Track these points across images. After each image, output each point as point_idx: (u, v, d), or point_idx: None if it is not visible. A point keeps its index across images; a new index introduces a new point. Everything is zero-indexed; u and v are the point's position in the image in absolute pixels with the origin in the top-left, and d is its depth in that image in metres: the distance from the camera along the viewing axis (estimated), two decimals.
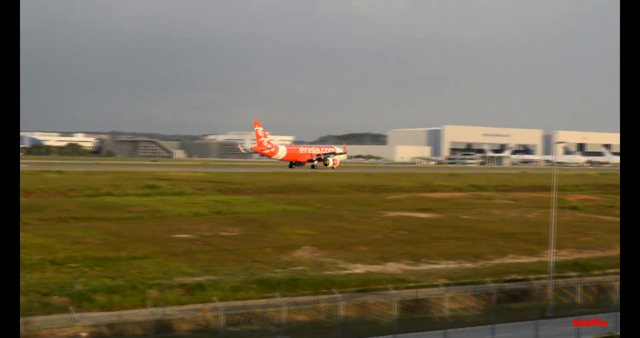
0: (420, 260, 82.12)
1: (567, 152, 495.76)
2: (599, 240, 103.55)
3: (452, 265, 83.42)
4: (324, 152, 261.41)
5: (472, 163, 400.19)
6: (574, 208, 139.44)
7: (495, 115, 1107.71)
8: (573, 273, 77.97)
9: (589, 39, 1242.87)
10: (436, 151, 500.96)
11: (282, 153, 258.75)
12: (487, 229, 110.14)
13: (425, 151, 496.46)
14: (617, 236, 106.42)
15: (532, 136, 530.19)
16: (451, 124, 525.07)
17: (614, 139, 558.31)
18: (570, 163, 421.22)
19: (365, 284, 71.94)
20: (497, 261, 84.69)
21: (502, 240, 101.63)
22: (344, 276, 74.55)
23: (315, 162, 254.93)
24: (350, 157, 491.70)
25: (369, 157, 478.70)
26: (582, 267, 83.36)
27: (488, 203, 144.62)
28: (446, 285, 69.53)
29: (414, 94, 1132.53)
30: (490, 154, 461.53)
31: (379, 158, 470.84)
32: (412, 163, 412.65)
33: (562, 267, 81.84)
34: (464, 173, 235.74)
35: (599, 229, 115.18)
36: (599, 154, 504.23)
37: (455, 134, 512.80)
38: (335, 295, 62.92)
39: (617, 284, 69.09)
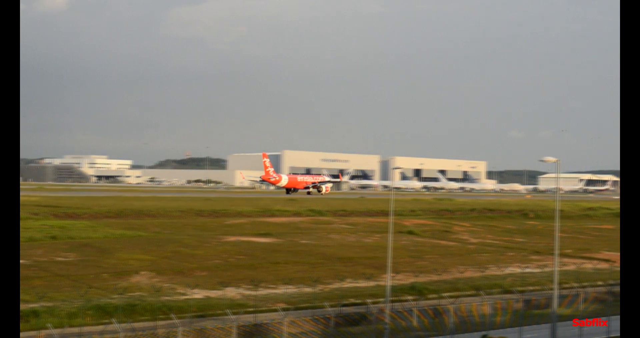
0: (259, 284, 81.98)
1: (404, 177, 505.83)
2: (434, 264, 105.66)
3: (291, 289, 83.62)
4: (318, 181, 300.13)
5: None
6: (410, 232, 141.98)
7: (334, 141, 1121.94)
8: (410, 297, 79.32)
9: (420, 66, 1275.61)
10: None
11: (284, 181, 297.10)
12: (325, 253, 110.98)
13: None
14: (452, 260, 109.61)
15: (370, 162, 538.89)
16: (290, 149, 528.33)
17: (449, 165, 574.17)
18: (407, 188, 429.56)
19: (204, 309, 71.34)
20: (336, 285, 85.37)
21: (341, 264, 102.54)
22: (183, 301, 73.76)
23: (311, 189, 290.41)
24: (189, 182, 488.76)
25: (208, 181, 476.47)
26: (418, 291, 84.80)
27: (327, 228, 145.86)
28: (285, 309, 69.58)
29: (253, 118, 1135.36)
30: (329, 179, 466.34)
31: (219, 182, 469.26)
32: (252, 188, 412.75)
33: (399, 291, 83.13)
34: (303, 198, 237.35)
35: (434, 253, 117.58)
36: (435, 179, 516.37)
37: (294, 159, 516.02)
38: (173, 321, 62.13)
39: (451, 307, 70.68)
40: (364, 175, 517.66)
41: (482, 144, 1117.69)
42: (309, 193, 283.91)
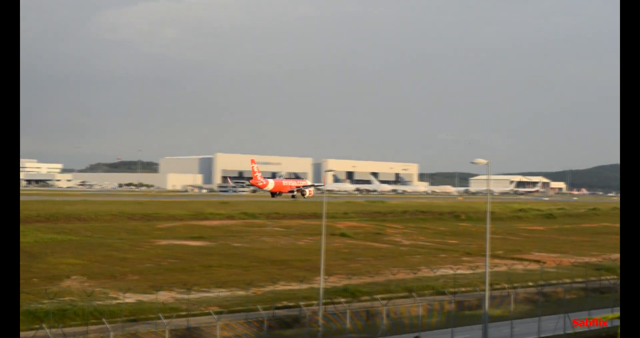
0: (192, 288, 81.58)
1: (337, 180, 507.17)
2: (367, 266, 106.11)
3: (224, 292, 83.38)
4: (302, 185, 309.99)
5: (244, 191, 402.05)
6: (343, 235, 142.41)
7: (267, 144, 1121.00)
8: (343, 299, 79.52)
9: (352, 69, 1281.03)
10: (208, 179, 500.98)
11: (270, 185, 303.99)
12: (258, 256, 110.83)
13: (198, 179, 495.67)
14: (385, 262, 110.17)
15: (302, 164, 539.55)
16: (223, 152, 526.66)
17: (382, 167, 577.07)
18: (339, 191, 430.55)
19: (136, 314, 70.80)
20: (269, 288, 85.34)
21: (274, 267, 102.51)
22: (115, 306, 73.09)
23: (295, 192, 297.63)
24: (120, 185, 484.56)
25: (140, 185, 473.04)
26: (351, 293, 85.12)
27: (260, 231, 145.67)
28: (218, 312, 69.29)
29: (185, 122, 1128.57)
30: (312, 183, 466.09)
31: (151, 186, 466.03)
32: (184, 191, 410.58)
33: (332, 293, 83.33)
34: (236, 201, 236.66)
35: (367, 255, 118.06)
36: (367, 182, 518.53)
37: (227, 162, 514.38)
38: (105, 326, 61.56)
39: (384, 309, 71.04)
40: (297, 178, 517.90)
41: (414, 146, 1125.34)
42: (293, 196, 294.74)
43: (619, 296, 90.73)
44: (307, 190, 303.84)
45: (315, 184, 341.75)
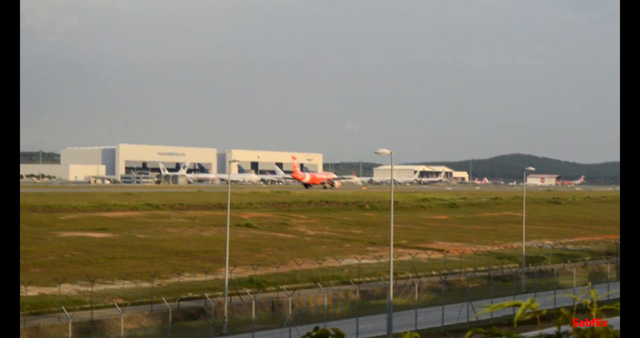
0: (95, 280, 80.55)
1: (242, 170, 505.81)
2: (272, 256, 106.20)
3: (128, 284, 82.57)
4: (332, 178, 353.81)
5: (148, 182, 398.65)
6: (248, 225, 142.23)
7: (170, 134, 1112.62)
8: (248, 290, 79.50)
9: (254, 59, 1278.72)
10: (111, 170, 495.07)
11: (307, 178, 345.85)
12: (163, 248, 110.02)
13: (101, 170, 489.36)
14: (290, 252, 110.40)
15: (207, 155, 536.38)
16: (126, 142, 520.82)
17: (286, 157, 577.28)
18: (244, 181, 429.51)
19: (39, 307, 69.71)
20: (174, 280, 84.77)
21: (179, 258, 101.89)
22: None
23: (326, 184, 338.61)
24: (21, 176, 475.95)
25: (41, 176, 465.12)
26: (257, 284, 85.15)
27: (164, 222, 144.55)
28: (122, 305, 68.57)
29: (87, 112, 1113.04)
30: (166, 172, 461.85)
31: (52, 177, 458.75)
32: (87, 182, 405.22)
33: (237, 284, 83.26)
34: (140, 192, 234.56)
35: (272, 246, 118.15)
36: (272, 172, 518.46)
37: (130, 153, 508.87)
38: None
39: (290, 300, 71.22)
40: (201, 168, 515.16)
41: (319, 136, 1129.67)
42: (324, 187, 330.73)
43: (520, 284, 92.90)
44: (335, 182, 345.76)
45: (345, 176, 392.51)
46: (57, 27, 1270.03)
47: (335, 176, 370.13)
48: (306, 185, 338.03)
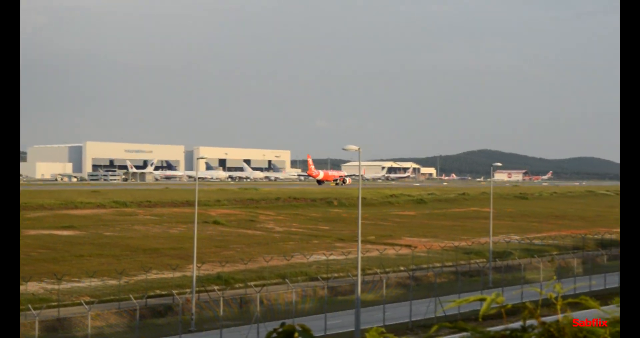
0: (62, 278, 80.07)
1: (209, 167, 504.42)
2: (240, 253, 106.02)
3: (95, 282, 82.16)
4: (344, 175, 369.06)
5: (115, 180, 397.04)
6: (216, 222, 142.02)
7: (138, 132, 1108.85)
8: (216, 287, 79.31)
9: (223, 57, 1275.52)
10: (78, 167, 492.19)
11: (321, 175, 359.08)
12: (130, 245, 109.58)
13: (68, 167, 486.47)
14: (258, 249, 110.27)
15: (174, 152, 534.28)
16: (93, 140, 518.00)
17: (254, 154, 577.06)
18: (212, 178, 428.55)
19: None
20: (141, 277, 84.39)
21: (146, 255, 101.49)
22: None
23: (338, 181, 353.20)
24: None
25: None
26: (225, 281, 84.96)
27: (131, 219, 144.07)
28: (90, 302, 68.17)
29: (54, 110, 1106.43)
30: (133, 170, 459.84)
31: (20, 175, 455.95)
32: (54, 180, 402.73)
33: (205, 281, 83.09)
34: (107, 190, 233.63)
35: (240, 242, 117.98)
36: (240, 169, 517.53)
37: (97, 151, 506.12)
38: None
39: (257, 296, 71.16)
40: (169, 166, 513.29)
41: (287, 133, 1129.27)
42: (337, 184, 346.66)
43: (488, 279, 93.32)
44: (347, 179, 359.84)
45: (355, 174, 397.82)
46: (26, 26, 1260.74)
47: (345, 173, 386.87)
48: (319, 182, 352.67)
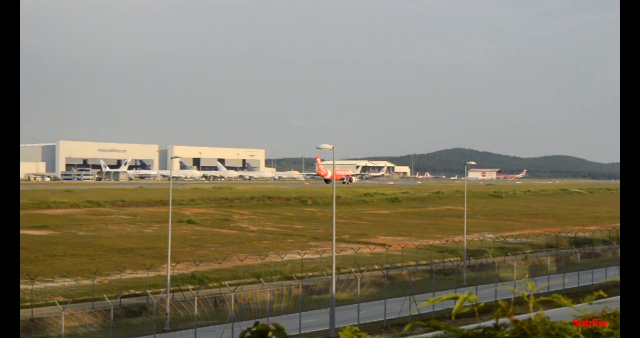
0: (35, 278, 79.68)
1: (183, 167, 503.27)
2: (214, 252, 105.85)
3: (69, 282, 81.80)
4: (351, 174, 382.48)
5: (89, 179, 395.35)
6: (190, 221, 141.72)
7: (112, 131, 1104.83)
8: (191, 286, 79.20)
9: (194, 54, 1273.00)
10: (52, 167, 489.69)
11: (329, 174, 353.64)
12: (104, 245, 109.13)
13: (40, 167, 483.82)
14: (232, 248, 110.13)
15: (148, 151, 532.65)
16: (66, 139, 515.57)
17: (228, 153, 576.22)
18: (186, 178, 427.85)
19: None
20: (115, 277, 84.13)
21: (120, 255, 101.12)
22: None
23: (345, 180, 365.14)
24: None
25: None
26: (199, 280, 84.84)
27: (105, 219, 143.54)
28: (63, 302, 67.87)
29: (25, 108, 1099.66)
30: (107, 169, 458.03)
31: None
32: (27, 180, 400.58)
33: (180, 281, 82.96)
34: (81, 189, 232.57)
35: (214, 242, 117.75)
36: (214, 168, 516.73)
37: (70, 150, 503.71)
38: None
39: (232, 295, 71.09)
40: (143, 165, 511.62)
41: (261, 132, 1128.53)
42: (344, 182, 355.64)
43: (462, 277, 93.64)
44: (353, 178, 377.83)
45: (362, 173, 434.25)
46: None
47: (352, 173, 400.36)
48: (327, 181, 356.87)
